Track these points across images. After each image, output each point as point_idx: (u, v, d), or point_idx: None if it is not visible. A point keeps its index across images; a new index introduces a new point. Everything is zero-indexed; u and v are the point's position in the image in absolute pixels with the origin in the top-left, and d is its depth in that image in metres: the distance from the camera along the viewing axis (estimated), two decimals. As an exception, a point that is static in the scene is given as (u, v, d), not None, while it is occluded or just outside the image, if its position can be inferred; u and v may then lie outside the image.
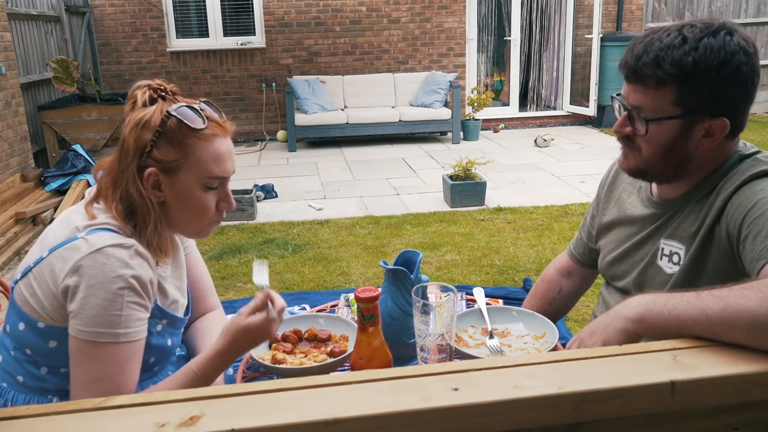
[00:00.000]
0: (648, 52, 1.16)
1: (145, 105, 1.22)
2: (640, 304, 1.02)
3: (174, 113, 1.21)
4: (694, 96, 1.15)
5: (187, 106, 1.23)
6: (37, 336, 1.21)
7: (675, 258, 1.28)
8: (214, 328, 1.45)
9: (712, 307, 0.91)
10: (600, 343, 1.04)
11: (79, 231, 1.18)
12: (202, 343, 1.45)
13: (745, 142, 1.28)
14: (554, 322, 1.46)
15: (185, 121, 1.21)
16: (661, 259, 1.31)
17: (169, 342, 1.36)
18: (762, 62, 9.77)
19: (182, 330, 1.43)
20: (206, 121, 1.24)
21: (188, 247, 1.53)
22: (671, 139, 1.19)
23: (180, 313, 1.38)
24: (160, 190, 1.24)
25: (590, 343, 1.06)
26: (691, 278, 1.24)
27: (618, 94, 1.26)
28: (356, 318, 1.22)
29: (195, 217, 1.28)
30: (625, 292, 1.41)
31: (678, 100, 1.16)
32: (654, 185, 1.39)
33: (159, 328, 1.31)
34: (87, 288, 1.13)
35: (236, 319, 1.21)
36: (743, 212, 1.13)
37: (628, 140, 1.26)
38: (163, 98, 1.24)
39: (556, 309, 1.67)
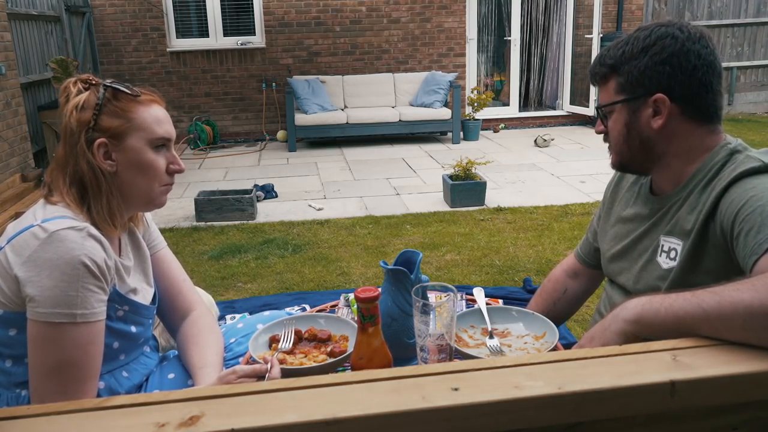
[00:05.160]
0: (599, 57, 1.36)
1: (79, 93, 1.32)
2: (636, 305, 1.03)
3: (110, 85, 1.32)
4: (628, 80, 1.29)
5: (118, 82, 1.35)
6: None
7: (672, 254, 1.29)
8: (202, 334, 1.51)
9: (708, 302, 0.93)
10: (599, 347, 1.04)
11: (36, 220, 1.23)
12: (193, 349, 1.49)
13: (740, 140, 1.30)
14: (559, 323, 1.46)
15: (122, 89, 1.32)
16: (660, 255, 1.32)
17: (134, 329, 1.40)
18: (761, 62, 9.77)
19: (151, 320, 1.48)
20: (138, 90, 1.36)
21: (158, 245, 1.58)
22: (624, 124, 1.32)
23: (143, 301, 1.42)
24: (112, 159, 1.32)
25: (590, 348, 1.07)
26: (687, 274, 1.25)
27: None
28: (356, 318, 1.22)
29: (148, 181, 1.35)
30: (625, 289, 1.42)
31: (618, 88, 1.31)
32: (653, 182, 1.40)
33: (120, 313, 1.35)
34: (42, 271, 1.17)
35: (228, 377, 1.26)
36: (735, 209, 1.15)
37: (606, 138, 1.39)
38: (92, 86, 1.34)
39: (561, 309, 1.68)
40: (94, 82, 1.35)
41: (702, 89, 1.26)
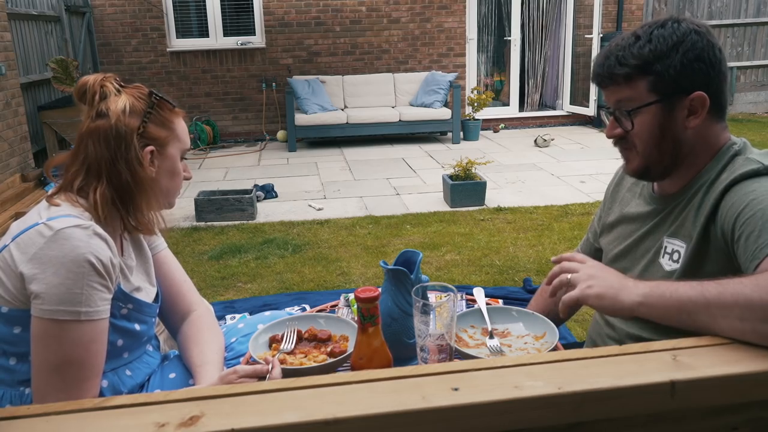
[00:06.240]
0: (609, 57, 1.26)
1: (117, 93, 1.33)
2: (646, 285, 1.07)
3: (159, 95, 1.36)
4: (663, 79, 1.22)
5: (159, 92, 1.39)
6: (1, 322, 1.24)
7: (675, 256, 1.28)
8: (202, 333, 1.53)
9: (711, 290, 0.97)
10: (593, 294, 1.08)
11: (41, 218, 1.24)
12: (194, 348, 1.50)
13: (744, 140, 1.29)
14: (559, 323, 1.46)
15: (168, 101, 1.38)
16: (663, 257, 1.31)
17: (137, 327, 1.41)
18: (761, 62, 9.76)
19: (154, 318, 1.49)
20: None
21: (158, 246, 1.60)
22: (658, 125, 1.25)
23: (146, 299, 1.43)
24: (153, 166, 1.36)
25: (584, 287, 1.10)
26: (689, 277, 1.24)
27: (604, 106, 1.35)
28: (356, 318, 1.22)
29: (174, 187, 1.44)
30: None
31: (651, 88, 1.23)
32: (656, 183, 1.39)
33: (124, 311, 1.36)
34: (48, 268, 1.18)
35: (229, 377, 1.26)
36: (735, 213, 1.15)
37: (622, 142, 1.31)
38: (123, 88, 1.36)
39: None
40: (122, 84, 1.37)
41: (723, 84, 1.25)
